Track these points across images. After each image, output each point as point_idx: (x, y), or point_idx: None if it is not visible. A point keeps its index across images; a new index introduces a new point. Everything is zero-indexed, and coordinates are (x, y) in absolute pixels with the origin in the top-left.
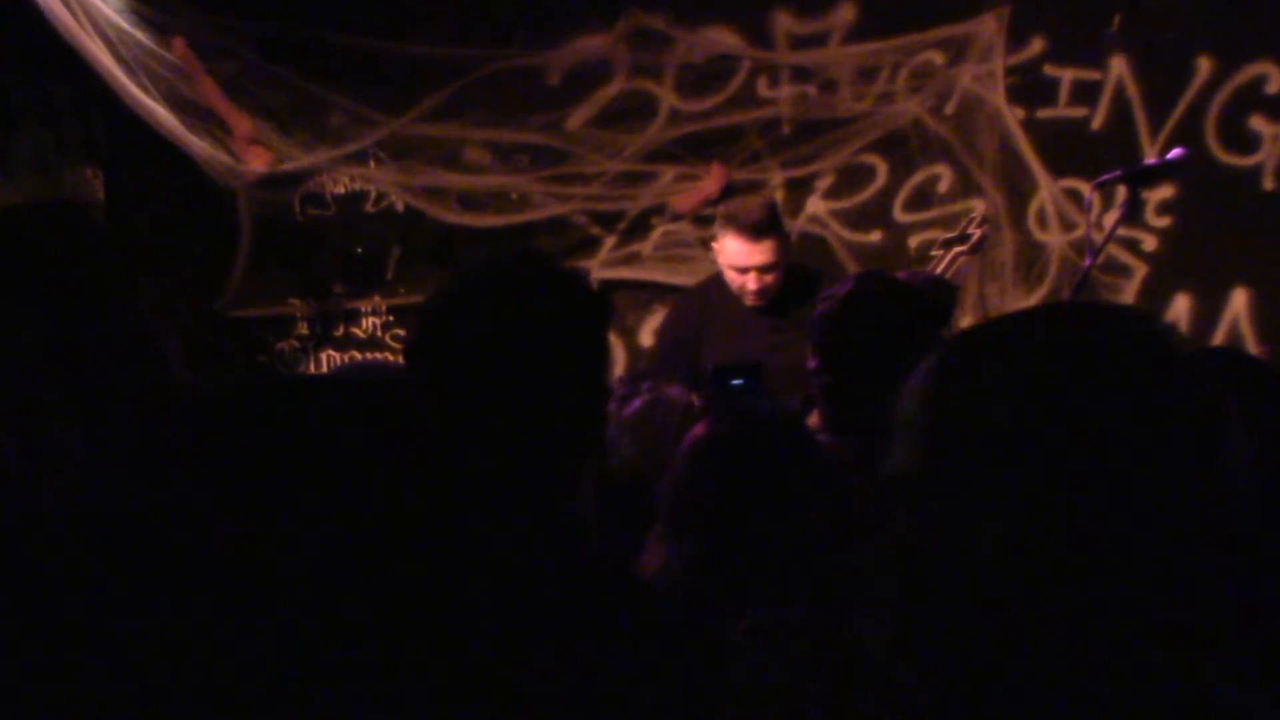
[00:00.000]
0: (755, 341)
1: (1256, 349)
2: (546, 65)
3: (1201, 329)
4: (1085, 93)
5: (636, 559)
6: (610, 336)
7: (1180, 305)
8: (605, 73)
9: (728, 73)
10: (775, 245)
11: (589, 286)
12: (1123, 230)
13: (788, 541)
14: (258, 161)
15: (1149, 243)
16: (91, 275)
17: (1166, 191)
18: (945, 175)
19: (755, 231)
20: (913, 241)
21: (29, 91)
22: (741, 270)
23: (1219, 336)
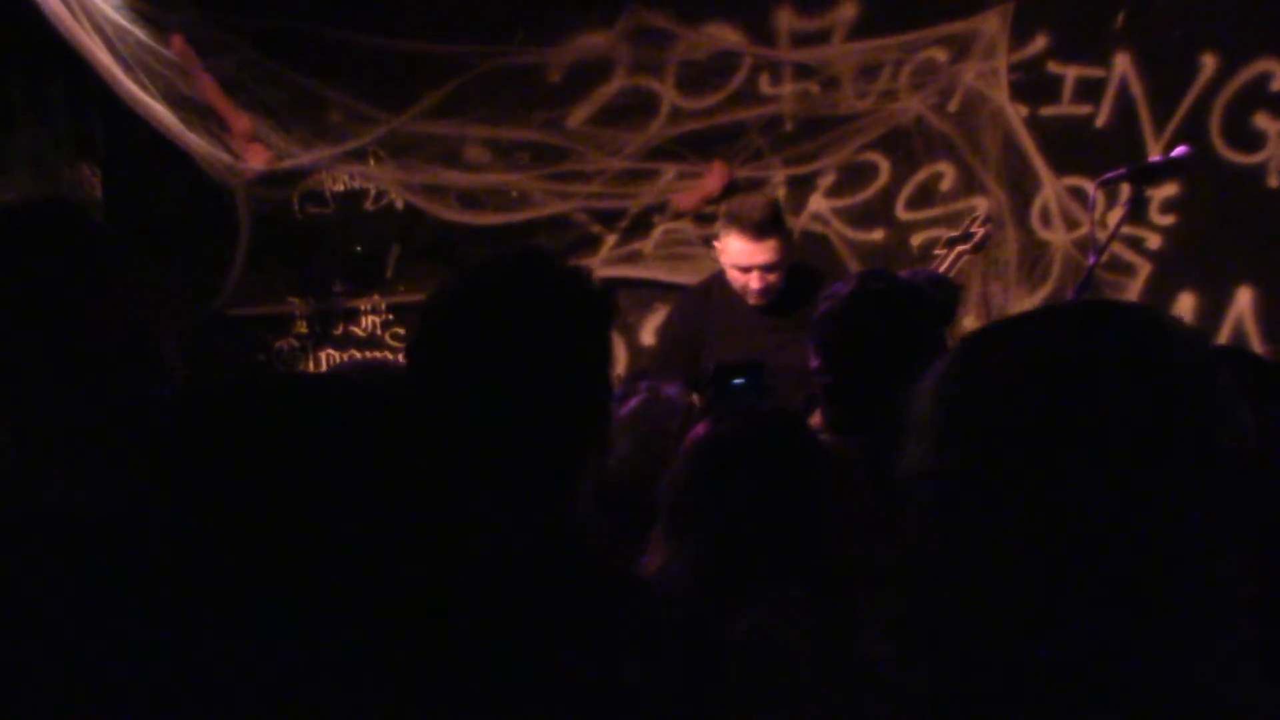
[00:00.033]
0: (757, 340)
1: (1261, 347)
2: (547, 62)
3: (1206, 327)
4: (1089, 90)
5: (636, 559)
6: (613, 335)
7: (1184, 303)
8: (606, 70)
9: (729, 70)
10: (778, 244)
11: (592, 284)
12: (1127, 228)
13: (788, 541)
14: (257, 159)
15: (1153, 241)
16: (89, 274)
17: (1171, 189)
18: (948, 173)
19: (758, 230)
20: (915, 240)
21: (26, 89)
22: (744, 269)
23: (1223, 335)
